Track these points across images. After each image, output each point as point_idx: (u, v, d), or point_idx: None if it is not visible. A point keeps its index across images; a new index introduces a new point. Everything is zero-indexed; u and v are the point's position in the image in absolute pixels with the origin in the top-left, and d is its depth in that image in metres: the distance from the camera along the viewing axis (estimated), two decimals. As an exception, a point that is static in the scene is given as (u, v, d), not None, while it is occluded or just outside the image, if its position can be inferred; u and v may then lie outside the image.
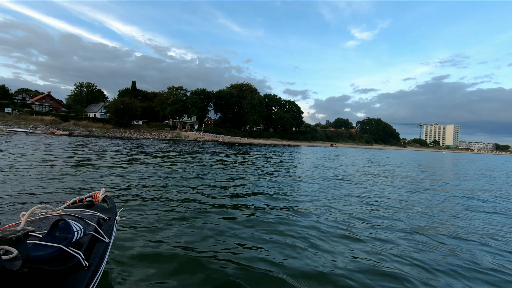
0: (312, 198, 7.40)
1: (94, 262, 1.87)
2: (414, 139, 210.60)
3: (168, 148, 25.31)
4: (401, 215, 6.13)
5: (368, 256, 3.85)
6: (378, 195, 8.45)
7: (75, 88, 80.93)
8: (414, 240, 4.62)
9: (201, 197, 6.59)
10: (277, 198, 7.07)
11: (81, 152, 16.03)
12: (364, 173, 14.78)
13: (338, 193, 8.28)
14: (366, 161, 25.63)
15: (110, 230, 2.42)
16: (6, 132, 33.16)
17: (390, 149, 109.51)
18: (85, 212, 2.46)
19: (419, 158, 41.71)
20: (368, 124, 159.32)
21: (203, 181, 8.76)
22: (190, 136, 56.42)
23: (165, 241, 3.85)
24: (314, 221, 5.28)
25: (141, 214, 4.91)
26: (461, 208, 7.30)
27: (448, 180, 13.95)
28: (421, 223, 5.62)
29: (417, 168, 20.17)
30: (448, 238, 4.80)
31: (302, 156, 28.11)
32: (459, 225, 5.69)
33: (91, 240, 2.04)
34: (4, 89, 50.21)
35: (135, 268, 3.08)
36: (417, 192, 9.50)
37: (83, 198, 2.81)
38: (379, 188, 9.87)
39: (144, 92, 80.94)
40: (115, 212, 2.79)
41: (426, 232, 5.01)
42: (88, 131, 41.81)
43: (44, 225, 2.01)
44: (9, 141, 21.13)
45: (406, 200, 7.97)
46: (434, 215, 6.39)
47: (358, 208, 6.59)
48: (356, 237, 4.56)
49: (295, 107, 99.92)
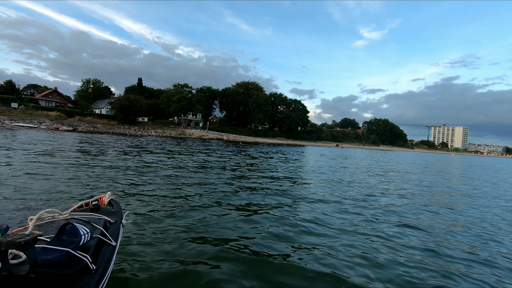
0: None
1: (101, 265, 1.87)
2: (422, 140, 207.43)
3: (170, 146, 24.98)
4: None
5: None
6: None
7: (82, 84, 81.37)
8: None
9: (206, 199, 6.45)
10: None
11: (81, 149, 15.73)
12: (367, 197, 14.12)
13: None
14: (376, 167, 24.86)
15: (117, 233, 2.43)
16: (11, 126, 33.29)
17: (397, 150, 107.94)
18: (91, 215, 2.46)
19: (429, 161, 40.64)
20: (375, 124, 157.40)
21: (208, 182, 8.52)
22: (195, 134, 56.16)
23: (172, 243, 3.81)
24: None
25: (147, 217, 4.85)
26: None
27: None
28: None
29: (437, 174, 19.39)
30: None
31: (298, 160, 27.47)
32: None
33: (98, 244, 2.04)
34: (12, 84, 50.60)
35: (142, 271, 3.05)
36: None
37: (89, 202, 2.82)
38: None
39: (150, 89, 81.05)
40: (121, 215, 2.80)
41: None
42: (92, 127, 41.79)
43: (51, 229, 2.02)
44: (14, 135, 21.02)
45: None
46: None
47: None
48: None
49: (301, 106, 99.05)
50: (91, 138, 26.90)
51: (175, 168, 11.09)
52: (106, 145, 19.32)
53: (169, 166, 11.53)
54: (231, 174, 10.71)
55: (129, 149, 18.01)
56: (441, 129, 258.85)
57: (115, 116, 52.29)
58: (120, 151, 16.05)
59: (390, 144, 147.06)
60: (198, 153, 19.31)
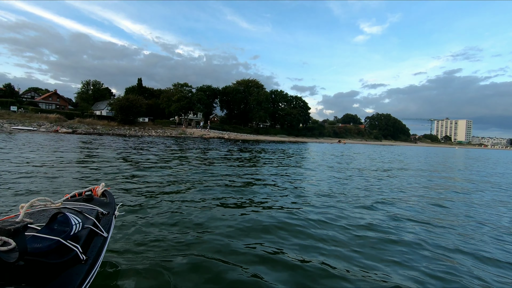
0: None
1: (91, 256, 1.86)
2: (425, 134, 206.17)
3: (168, 145, 24.65)
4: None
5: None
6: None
7: (82, 86, 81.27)
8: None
9: (200, 194, 6.42)
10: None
11: (79, 151, 15.41)
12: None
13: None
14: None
15: (109, 225, 2.41)
16: (10, 130, 33.10)
17: (400, 145, 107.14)
18: (84, 206, 2.44)
19: (435, 153, 39.98)
20: (377, 119, 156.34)
21: (204, 178, 8.55)
22: (195, 133, 55.84)
23: (164, 237, 3.78)
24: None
25: (140, 209, 4.83)
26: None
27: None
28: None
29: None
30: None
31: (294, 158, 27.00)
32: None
33: (89, 234, 2.02)
34: (11, 87, 50.52)
35: (133, 262, 3.01)
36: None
37: (82, 192, 2.78)
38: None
39: (151, 89, 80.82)
40: (114, 206, 2.78)
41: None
42: (92, 129, 41.53)
43: (42, 217, 1.99)
44: (8, 139, 20.76)
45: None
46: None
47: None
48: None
49: (302, 103, 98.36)
50: (90, 139, 26.61)
51: (170, 164, 10.73)
52: (103, 146, 19.00)
53: (165, 163, 11.15)
54: (226, 169, 10.33)
55: (126, 148, 17.67)
56: (444, 122, 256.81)
57: (115, 117, 52.08)
58: (117, 151, 15.71)
59: (392, 139, 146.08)
60: (195, 150, 18.95)
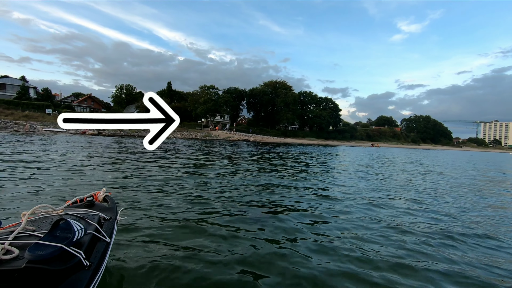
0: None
1: (94, 262, 1.85)
2: (470, 138, 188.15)
3: (191, 147, 23.39)
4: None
5: None
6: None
7: (115, 90, 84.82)
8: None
9: (208, 198, 6.21)
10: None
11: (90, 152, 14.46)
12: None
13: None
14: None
15: (111, 230, 2.36)
16: (42, 131, 34.22)
17: (442, 149, 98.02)
18: (86, 211, 2.41)
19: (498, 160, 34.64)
20: (415, 122, 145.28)
21: (209, 181, 8.30)
22: (221, 135, 54.90)
23: (166, 242, 3.62)
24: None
25: (143, 214, 4.68)
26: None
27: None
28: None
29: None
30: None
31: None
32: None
33: (92, 240, 2.00)
34: (48, 91, 53.33)
35: (136, 268, 2.90)
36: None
37: (83, 198, 2.74)
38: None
39: (180, 92, 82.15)
40: (116, 211, 2.72)
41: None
42: (119, 131, 42.14)
43: (45, 224, 1.99)
44: (30, 140, 20.73)
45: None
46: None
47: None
48: None
49: (332, 104, 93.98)
50: (113, 140, 26.36)
51: (175, 167, 10.20)
52: (123, 147, 18.10)
53: (171, 166, 10.51)
54: (233, 170, 8.47)
55: (140, 151, 16.53)
56: (492, 125, 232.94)
57: (143, 119, 52.72)
58: (131, 152, 14.54)
59: (432, 143, 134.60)
60: (218, 153, 17.30)
